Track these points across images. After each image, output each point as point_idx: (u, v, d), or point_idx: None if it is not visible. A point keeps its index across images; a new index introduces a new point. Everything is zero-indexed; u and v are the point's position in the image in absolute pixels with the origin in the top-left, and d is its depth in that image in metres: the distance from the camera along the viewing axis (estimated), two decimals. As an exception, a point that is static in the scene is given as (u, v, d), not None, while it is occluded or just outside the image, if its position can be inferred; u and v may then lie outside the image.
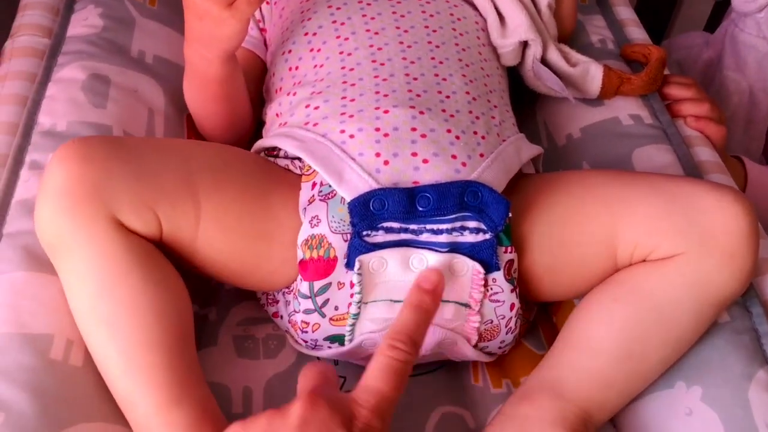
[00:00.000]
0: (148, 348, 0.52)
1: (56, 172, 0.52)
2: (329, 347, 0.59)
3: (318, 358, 0.63)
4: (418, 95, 0.61)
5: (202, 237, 0.56)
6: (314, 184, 0.58)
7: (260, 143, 0.65)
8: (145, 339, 0.52)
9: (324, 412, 0.43)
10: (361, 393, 0.45)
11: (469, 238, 0.56)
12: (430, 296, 0.49)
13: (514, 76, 0.77)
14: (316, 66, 0.65)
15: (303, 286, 0.57)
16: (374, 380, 0.45)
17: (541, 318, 0.68)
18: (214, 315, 0.66)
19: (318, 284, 0.56)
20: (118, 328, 0.52)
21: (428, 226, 0.55)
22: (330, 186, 0.57)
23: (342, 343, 0.58)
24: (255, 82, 0.75)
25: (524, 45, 0.74)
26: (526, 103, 0.81)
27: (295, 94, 0.65)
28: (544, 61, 0.74)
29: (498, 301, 0.57)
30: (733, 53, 1.01)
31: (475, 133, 0.60)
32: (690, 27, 1.38)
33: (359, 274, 0.55)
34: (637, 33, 0.88)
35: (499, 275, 0.56)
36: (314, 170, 0.58)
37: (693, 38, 1.12)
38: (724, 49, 1.02)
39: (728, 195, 0.56)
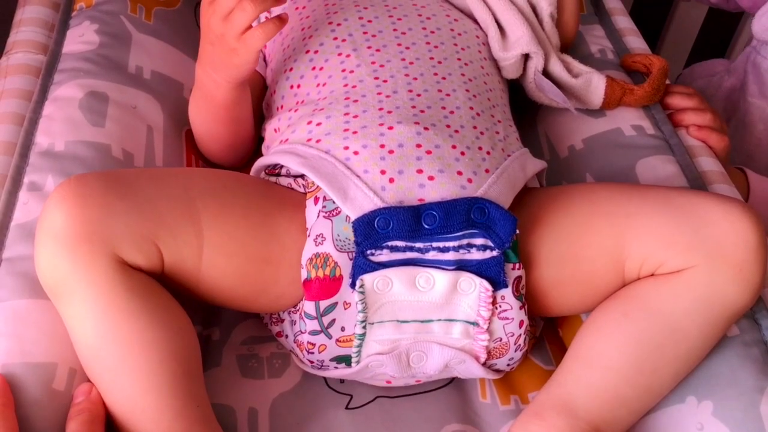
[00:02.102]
0: (154, 392, 0.51)
1: (54, 213, 0.51)
2: (336, 368, 0.59)
3: (325, 379, 0.62)
4: (422, 111, 0.60)
5: (206, 265, 0.55)
6: (317, 199, 0.58)
7: (262, 161, 0.64)
8: (150, 383, 0.51)
9: None
10: None
11: (476, 255, 0.55)
12: None
13: (513, 87, 0.77)
14: (318, 84, 0.65)
15: (309, 306, 0.56)
16: None
17: (548, 332, 0.68)
18: (217, 335, 0.66)
19: (324, 304, 0.55)
20: (122, 372, 0.51)
21: (435, 244, 0.55)
22: (334, 202, 0.56)
23: (349, 364, 0.58)
24: (255, 98, 0.74)
25: (526, 57, 0.73)
26: (525, 114, 0.81)
27: (296, 111, 0.65)
28: (546, 72, 0.74)
29: (507, 318, 0.57)
30: (757, 80, 1.00)
31: (480, 148, 0.60)
32: (683, 35, 1.38)
33: (361, 293, 0.54)
34: (636, 42, 0.88)
35: (507, 292, 0.56)
36: (318, 186, 0.58)
37: (713, 66, 1.11)
38: (747, 77, 1.02)
39: (736, 208, 0.56)
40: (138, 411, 0.51)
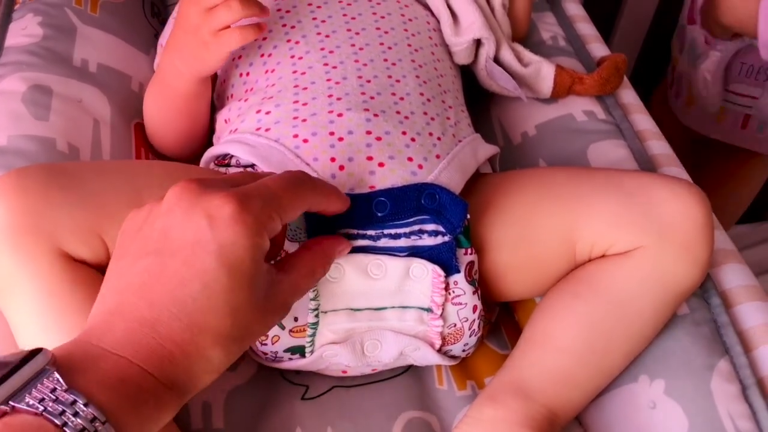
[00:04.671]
0: None
1: None
2: (290, 359, 0.58)
3: (281, 371, 0.62)
4: (372, 98, 0.60)
5: None
6: None
7: (211, 151, 0.63)
8: None
9: (193, 187, 0.42)
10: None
11: (427, 241, 0.55)
12: None
13: (468, 75, 0.77)
14: (267, 71, 0.64)
15: (260, 297, 0.55)
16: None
17: (503, 317, 0.68)
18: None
19: (276, 294, 0.55)
20: None
21: (386, 231, 0.55)
22: None
23: (303, 355, 0.57)
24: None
25: (477, 44, 0.73)
26: (480, 101, 0.81)
27: (246, 100, 0.64)
28: (497, 60, 0.74)
29: (460, 303, 0.56)
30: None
31: (431, 134, 0.59)
32: (636, 22, 1.40)
33: None
34: (587, 29, 0.89)
35: (459, 277, 0.56)
36: None
37: None
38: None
39: (684, 188, 0.57)
40: None
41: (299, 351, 0.57)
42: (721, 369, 0.56)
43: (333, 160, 0.56)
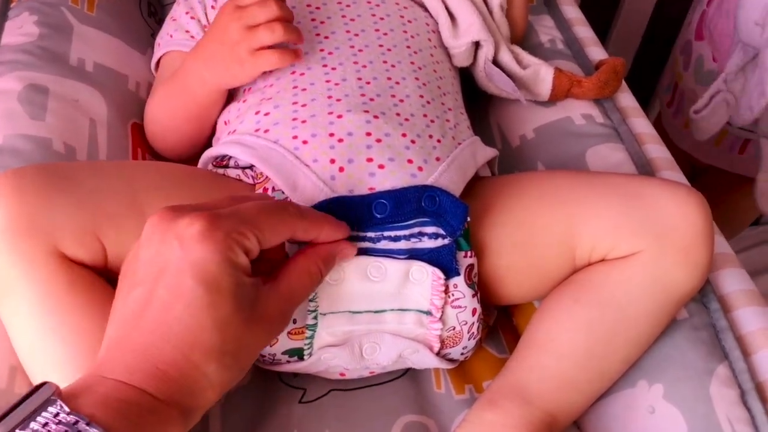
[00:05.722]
0: None
1: None
2: (288, 361, 0.58)
3: (278, 374, 0.61)
4: (372, 99, 0.59)
5: None
6: (266, 190, 0.57)
7: (209, 152, 0.63)
8: None
9: (167, 215, 0.43)
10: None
11: (427, 243, 0.55)
12: None
13: (466, 77, 0.77)
14: (265, 72, 0.64)
15: (259, 299, 0.55)
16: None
17: (502, 321, 0.68)
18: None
19: (274, 296, 0.54)
20: (64, 370, 0.49)
21: (386, 233, 0.54)
22: (284, 192, 0.55)
23: (301, 357, 0.57)
24: None
25: (476, 46, 0.73)
26: (478, 104, 0.81)
27: (245, 101, 0.63)
28: (495, 62, 0.74)
29: (460, 306, 0.56)
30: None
31: (431, 136, 0.59)
32: (633, 25, 1.40)
33: None
34: (585, 32, 0.89)
35: (459, 280, 0.56)
36: (267, 176, 0.57)
37: None
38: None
39: (683, 192, 0.57)
40: None
41: (297, 353, 0.57)
42: (720, 374, 0.56)
43: (333, 161, 0.55)
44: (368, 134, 0.57)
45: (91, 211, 0.51)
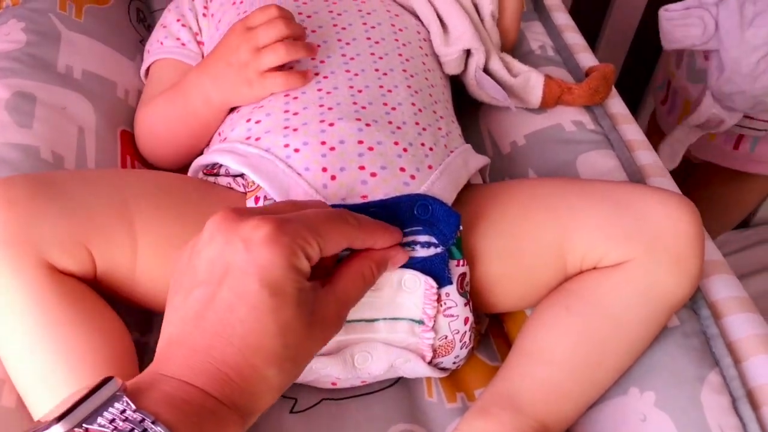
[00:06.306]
0: None
1: None
2: (280, 371, 0.57)
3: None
4: (364, 107, 0.59)
5: (141, 269, 0.53)
6: (257, 199, 0.56)
7: (200, 160, 0.62)
8: None
9: (232, 216, 0.43)
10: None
11: (420, 252, 0.55)
12: None
13: (456, 84, 0.77)
14: (257, 81, 0.63)
15: (250, 309, 0.54)
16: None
17: (493, 328, 0.68)
18: (155, 341, 0.63)
19: (266, 306, 0.54)
20: (52, 383, 0.49)
21: (378, 242, 0.54)
22: (275, 201, 0.55)
23: (293, 366, 0.56)
24: None
25: (467, 54, 0.73)
26: (469, 111, 0.81)
27: (237, 111, 0.63)
28: (486, 70, 0.74)
29: (452, 315, 0.56)
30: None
31: (423, 144, 0.59)
32: (621, 31, 1.41)
33: None
34: (575, 39, 0.89)
35: (452, 289, 0.55)
36: (258, 185, 0.56)
37: None
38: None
39: (674, 200, 0.57)
40: None
41: (289, 363, 0.56)
42: (711, 381, 0.56)
43: (324, 169, 0.55)
44: (360, 142, 0.57)
45: (80, 221, 0.51)
